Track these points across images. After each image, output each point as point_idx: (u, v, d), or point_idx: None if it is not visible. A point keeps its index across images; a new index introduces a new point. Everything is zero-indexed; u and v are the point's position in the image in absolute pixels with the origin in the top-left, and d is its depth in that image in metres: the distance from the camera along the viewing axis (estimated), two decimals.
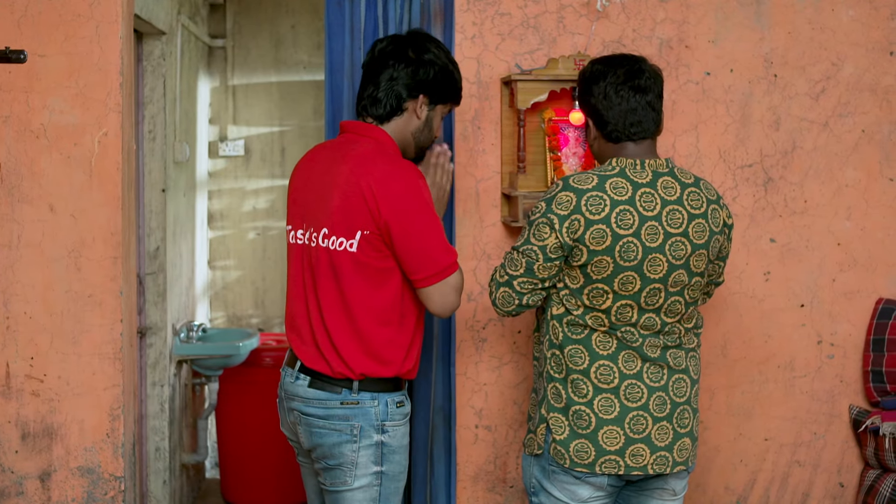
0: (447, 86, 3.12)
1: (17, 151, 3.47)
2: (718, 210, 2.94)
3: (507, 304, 2.92)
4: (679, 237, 2.83)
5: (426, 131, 3.13)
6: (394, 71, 3.06)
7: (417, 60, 3.07)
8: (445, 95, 3.13)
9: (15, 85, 3.45)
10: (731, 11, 3.83)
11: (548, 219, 2.81)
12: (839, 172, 3.91)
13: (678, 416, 2.91)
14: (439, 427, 3.76)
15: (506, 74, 3.71)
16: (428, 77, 3.07)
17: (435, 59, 3.09)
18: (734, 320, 3.91)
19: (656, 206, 2.82)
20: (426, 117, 3.10)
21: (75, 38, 3.46)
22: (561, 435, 2.88)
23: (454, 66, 3.15)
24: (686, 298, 2.91)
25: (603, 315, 2.84)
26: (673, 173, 2.89)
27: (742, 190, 3.87)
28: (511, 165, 3.72)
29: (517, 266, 2.87)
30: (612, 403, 2.86)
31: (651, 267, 2.81)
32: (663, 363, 2.89)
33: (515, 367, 3.81)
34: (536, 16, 3.74)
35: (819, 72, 3.89)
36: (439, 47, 3.13)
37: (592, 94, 2.94)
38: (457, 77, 3.15)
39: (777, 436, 3.96)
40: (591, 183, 2.81)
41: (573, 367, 2.87)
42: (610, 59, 2.99)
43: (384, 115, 3.07)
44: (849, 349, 3.97)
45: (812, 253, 3.92)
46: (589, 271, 2.80)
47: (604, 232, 2.76)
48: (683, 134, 3.82)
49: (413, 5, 3.67)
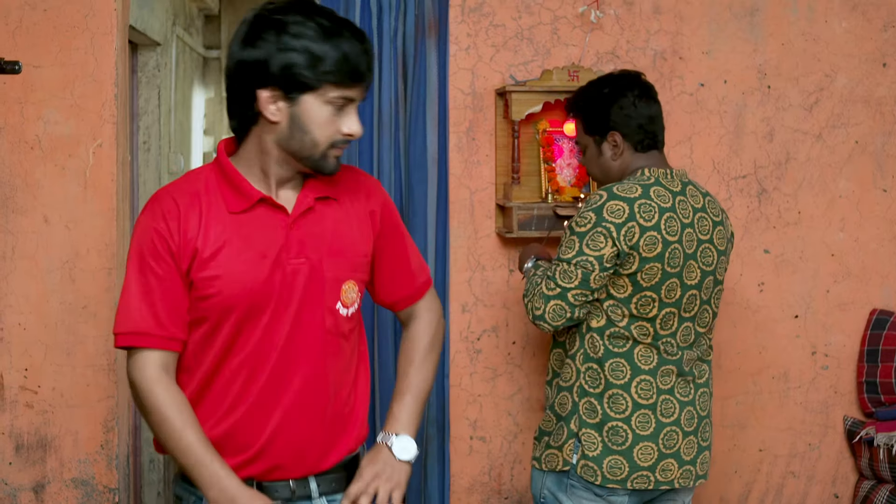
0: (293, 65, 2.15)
1: (12, 162, 3.47)
2: (727, 220, 3.02)
3: (559, 317, 2.84)
4: (707, 244, 2.89)
5: (298, 134, 2.20)
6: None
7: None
8: (301, 80, 2.16)
9: (9, 96, 3.45)
10: (724, 23, 3.84)
11: (604, 227, 2.78)
12: (833, 183, 3.92)
13: (702, 429, 2.94)
14: (433, 438, 3.76)
15: (500, 85, 3.72)
16: (253, 65, 2.19)
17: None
18: (728, 331, 3.91)
19: (690, 214, 2.87)
20: (288, 117, 2.19)
21: (70, 50, 3.46)
22: (594, 451, 2.84)
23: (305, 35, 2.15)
24: (713, 307, 2.97)
25: (648, 324, 2.84)
26: (692, 183, 2.97)
27: (736, 201, 3.88)
28: (505, 176, 3.73)
29: (572, 278, 2.80)
30: (649, 419, 2.85)
31: (688, 273, 2.85)
32: (690, 377, 2.92)
33: (510, 379, 3.81)
34: (530, 27, 3.75)
35: (812, 83, 3.90)
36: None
37: (621, 106, 2.96)
38: (313, 51, 2.14)
39: (771, 447, 3.96)
40: (637, 191, 2.82)
41: (613, 382, 2.84)
42: (616, 76, 3.05)
43: (239, 130, 2.29)
44: (843, 360, 3.97)
45: (806, 264, 3.93)
46: (639, 279, 2.80)
47: (656, 239, 2.78)
48: (677, 145, 3.83)
49: (407, 17, 3.67)
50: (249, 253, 2.20)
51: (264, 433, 2.24)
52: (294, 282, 2.23)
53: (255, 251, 2.20)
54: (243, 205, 2.22)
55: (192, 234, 2.18)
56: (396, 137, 3.70)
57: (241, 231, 2.21)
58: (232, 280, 2.18)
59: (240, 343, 2.22)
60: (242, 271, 2.19)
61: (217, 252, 2.18)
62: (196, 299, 2.20)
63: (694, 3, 3.82)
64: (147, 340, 2.19)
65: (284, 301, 2.22)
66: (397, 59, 3.69)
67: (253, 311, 2.21)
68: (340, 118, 2.20)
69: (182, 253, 2.18)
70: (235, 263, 2.19)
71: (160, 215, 2.20)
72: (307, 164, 2.23)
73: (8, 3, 3.44)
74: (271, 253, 2.21)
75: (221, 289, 2.18)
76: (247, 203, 2.22)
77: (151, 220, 2.21)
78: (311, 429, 2.29)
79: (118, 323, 2.21)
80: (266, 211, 2.24)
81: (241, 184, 2.23)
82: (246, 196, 2.22)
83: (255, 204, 2.22)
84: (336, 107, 2.19)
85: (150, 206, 2.24)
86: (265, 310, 2.21)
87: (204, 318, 2.21)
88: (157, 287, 2.18)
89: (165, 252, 2.18)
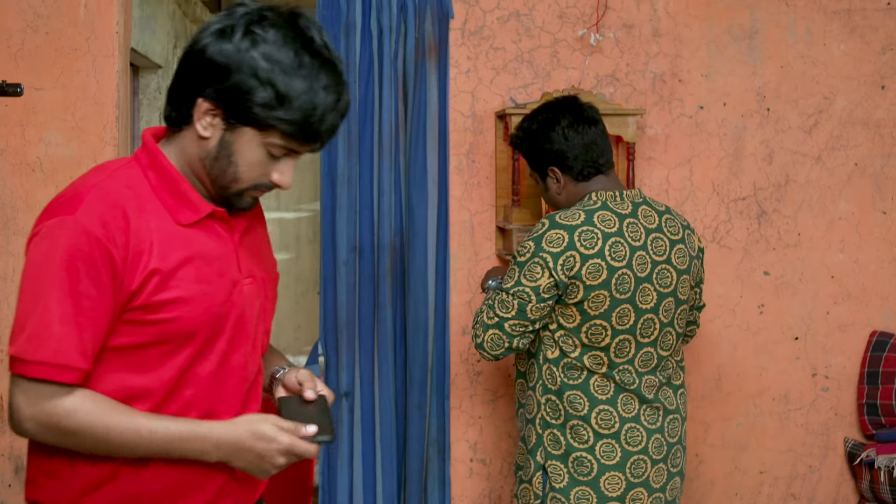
0: (240, 94, 1.83)
1: (13, 184, 3.48)
2: (692, 235, 2.96)
3: (497, 346, 2.82)
4: (664, 265, 2.83)
5: (223, 162, 1.89)
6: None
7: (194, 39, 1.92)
8: (251, 114, 1.84)
9: (11, 118, 3.46)
10: (723, 46, 3.86)
11: (540, 258, 2.75)
12: (832, 205, 3.93)
13: (672, 456, 2.89)
14: (434, 460, 3.75)
15: (500, 108, 3.73)
16: (212, 68, 1.85)
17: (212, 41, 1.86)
18: (728, 353, 3.91)
19: (641, 236, 2.80)
20: (219, 139, 1.88)
21: (72, 72, 3.48)
22: (560, 483, 2.82)
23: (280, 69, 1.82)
24: (676, 329, 2.90)
25: (602, 353, 2.79)
26: (647, 202, 2.89)
27: (736, 223, 3.88)
28: (505, 199, 3.73)
29: (508, 308, 2.78)
30: (614, 449, 2.80)
31: (642, 297, 2.79)
32: (658, 404, 2.86)
33: (510, 401, 3.81)
34: (530, 50, 3.76)
35: (811, 105, 3.91)
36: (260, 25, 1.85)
37: (552, 141, 2.90)
38: (278, 90, 1.82)
39: (772, 469, 3.95)
40: (579, 218, 2.77)
41: (573, 413, 2.81)
42: (547, 106, 2.98)
43: (169, 121, 1.96)
44: (843, 382, 3.97)
45: (806, 286, 3.93)
46: (586, 307, 2.76)
47: (599, 266, 2.73)
48: (677, 167, 3.84)
49: (408, 40, 3.69)
50: (207, 273, 1.91)
51: (224, 469, 1.97)
52: (247, 304, 1.99)
53: (212, 271, 1.92)
54: (191, 217, 1.91)
55: (143, 248, 1.83)
56: (397, 159, 3.71)
57: (195, 248, 1.90)
58: (195, 304, 1.88)
59: (194, 372, 1.93)
60: (204, 293, 1.89)
61: (176, 270, 1.86)
62: (145, 323, 1.85)
63: (693, 26, 3.83)
64: (69, 376, 1.79)
65: (240, 325, 1.98)
66: (398, 82, 3.70)
67: (211, 337, 1.92)
68: (274, 164, 1.90)
69: (129, 272, 1.81)
70: (196, 285, 1.88)
71: (100, 220, 1.80)
72: (220, 194, 1.93)
73: (10, 26, 3.45)
74: (227, 272, 1.95)
75: (182, 314, 1.86)
76: (196, 216, 1.91)
77: (88, 222, 1.79)
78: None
79: (31, 349, 1.78)
80: (214, 225, 1.95)
81: (187, 191, 1.91)
82: (193, 207, 1.92)
83: (204, 217, 1.93)
84: (274, 154, 1.89)
85: (84, 205, 1.81)
86: (221, 336, 1.94)
87: (153, 344, 1.88)
88: (88, 310, 1.79)
89: (105, 266, 1.79)
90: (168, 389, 1.90)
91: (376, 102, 3.69)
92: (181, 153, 1.93)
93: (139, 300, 1.83)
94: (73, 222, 1.78)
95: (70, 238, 1.78)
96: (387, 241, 3.70)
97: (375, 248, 3.71)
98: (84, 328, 1.79)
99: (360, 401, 3.73)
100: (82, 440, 1.83)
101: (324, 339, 3.73)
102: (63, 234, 1.79)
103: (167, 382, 1.89)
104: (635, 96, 3.81)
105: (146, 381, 1.88)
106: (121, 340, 1.86)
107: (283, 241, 6.90)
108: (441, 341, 3.74)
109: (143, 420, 1.84)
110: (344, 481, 3.75)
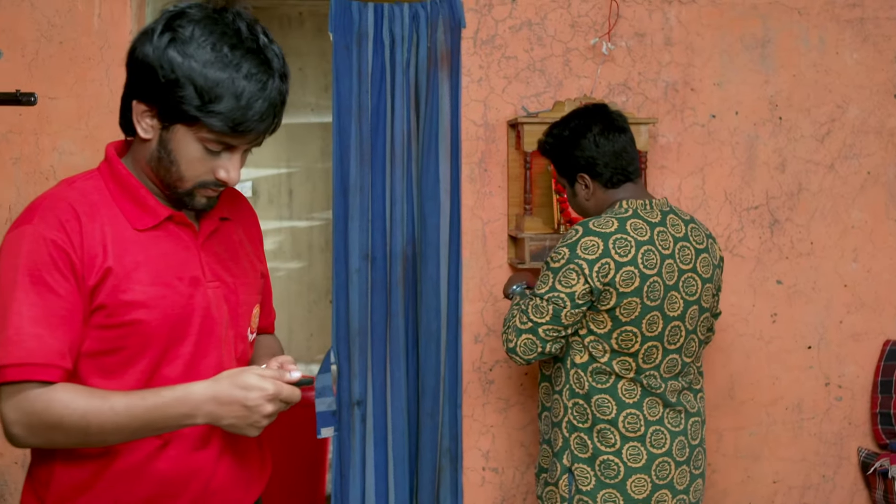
0: (166, 93, 1.85)
1: (27, 193, 3.49)
2: (714, 244, 2.99)
3: (530, 351, 2.84)
4: (690, 273, 2.86)
5: (165, 161, 1.91)
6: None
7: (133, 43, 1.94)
8: (179, 109, 1.85)
9: (25, 127, 3.48)
10: (736, 55, 3.85)
11: (576, 265, 2.77)
12: (845, 214, 3.92)
13: (694, 458, 2.93)
14: (446, 468, 3.75)
15: (512, 117, 3.73)
16: (140, 69, 1.89)
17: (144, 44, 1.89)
18: (741, 362, 3.90)
19: (670, 244, 2.84)
20: (158, 139, 1.90)
21: (85, 81, 3.49)
22: (587, 486, 2.85)
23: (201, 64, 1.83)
24: (699, 336, 2.94)
25: (630, 359, 2.82)
26: (674, 210, 2.93)
27: (748, 232, 3.87)
28: (517, 207, 3.73)
29: (543, 313, 2.81)
30: (640, 451, 2.84)
31: (670, 305, 2.82)
32: (681, 407, 2.90)
33: (522, 409, 3.80)
34: (542, 59, 3.77)
35: (824, 114, 3.90)
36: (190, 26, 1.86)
37: (582, 148, 2.93)
38: (199, 84, 1.83)
39: (786, 478, 3.94)
40: (613, 226, 2.80)
41: (600, 417, 2.84)
42: (577, 114, 3.01)
43: (123, 129, 2.00)
44: (857, 391, 3.96)
45: (819, 294, 3.92)
46: (617, 314, 2.79)
47: (633, 273, 2.76)
48: (689, 176, 3.83)
49: (420, 49, 3.70)
50: (165, 276, 1.92)
51: (200, 475, 1.99)
52: (213, 307, 1.99)
53: (170, 273, 1.93)
54: (149, 221, 1.94)
55: (97, 251, 1.87)
56: (409, 168, 3.72)
57: (152, 251, 1.92)
58: (151, 306, 1.89)
59: (161, 377, 1.93)
60: (161, 296, 1.91)
61: (130, 274, 1.89)
62: (104, 327, 1.88)
63: (705, 35, 3.83)
64: (47, 373, 1.81)
65: (206, 329, 1.98)
66: (410, 91, 3.71)
67: (173, 341, 1.93)
68: (215, 160, 1.91)
69: (87, 271, 1.85)
70: (153, 287, 1.90)
71: (56, 224, 1.85)
72: (172, 195, 1.95)
73: (24, 36, 3.47)
74: (186, 275, 1.96)
75: (140, 317, 1.88)
76: (153, 220, 1.94)
77: (45, 229, 1.84)
78: (242, 467, 2.10)
79: (6, 353, 1.80)
80: (174, 229, 1.97)
81: (145, 197, 1.94)
82: (152, 212, 1.95)
83: (162, 221, 1.95)
84: (211, 149, 1.89)
85: (39, 213, 1.87)
86: (185, 340, 1.95)
87: (114, 350, 1.90)
88: (56, 308, 1.83)
89: (66, 267, 1.84)
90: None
91: (388, 111, 3.70)
92: (135, 160, 1.96)
93: (98, 299, 1.86)
94: (32, 230, 1.84)
95: (29, 245, 1.83)
96: (399, 249, 3.71)
97: (388, 257, 3.71)
98: (55, 327, 1.82)
99: (372, 409, 3.73)
100: (67, 433, 1.83)
101: (336, 348, 3.73)
102: (23, 242, 1.84)
103: (134, 388, 1.89)
104: (647, 105, 3.81)
105: (115, 386, 1.89)
106: (88, 346, 1.88)
107: (296, 249, 6.91)
108: (453, 350, 3.74)
109: (119, 398, 1.83)
110: (356, 490, 3.75)
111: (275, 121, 1.91)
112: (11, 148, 3.48)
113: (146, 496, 1.95)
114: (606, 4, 3.78)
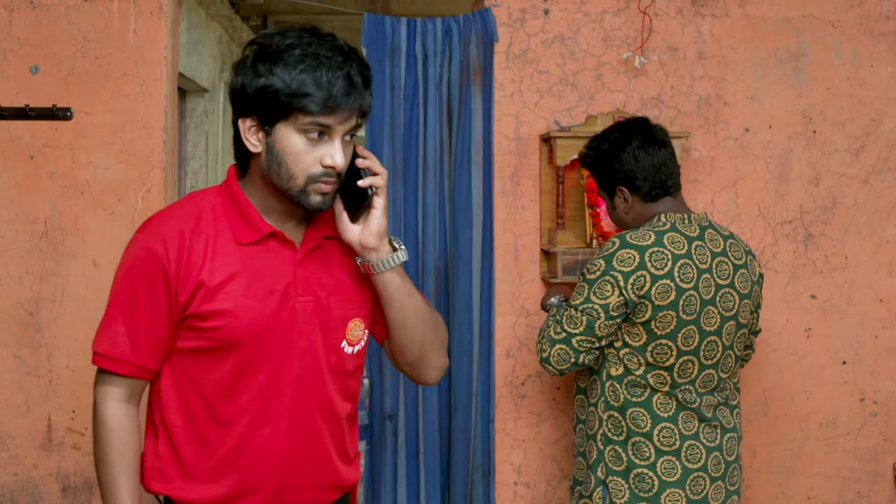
0: (261, 95, 2.06)
1: (62, 207, 3.52)
2: (753, 260, 2.99)
3: (563, 362, 2.85)
4: (727, 288, 2.86)
5: (275, 165, 2.08)
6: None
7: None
8: (273, 107, 2.05)
9: (61, 142, 3.51)
10: (769, 68, 3.84)
11: (611, 276, 2.79)
12: (880, 228, 3.89)
13: (729, 474, 2.92)
14: (478, 483, 3.74)
15: (544, 131, 3.73)
16: (236, 92, 2.12)
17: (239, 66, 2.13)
18: (775, 377, 3.88)
19: (708, 259, 2.84)
20: (265, 148, 2.09)
21: (120, 96, 3.52)
22: (621, 499, 2.85)
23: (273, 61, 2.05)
24: (735, 352, 2.94)
25: (665, 373, 2.83)
26: (713, 226, 2.94)
27: (782, 246, 3.85)
28: (550, 221, 3.73)
29: (577, 324, 2.82)
30: (675, 466, 2.83)
31: (706, 319, 2.82)
32: (717, 423, 2.89)
33: (554, 424, 3.79)
34: (575, 73, 3.77)
35: (858, 128, 3.88)
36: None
37: (622, 161, 2.95)
38: (278, 82, 2.03)
39: (819, 494, 3.91)
40: (650, 239, 2.81)
41: (635, 430, 2.84)
42: (618, 127, 3.03)
43: (241, 162, 2.21)
44: (892, 407, 3.92)
45: (853, 309, 3.89)
46: (653, 327, 2.79)
47: (668, 287, 2.76)
48: (722, 190, 3.82)
49: (452, 63, 3.70)
50: (256, 287, 2.10)
51: (274, 473, 2.15)
52: (300, 319, 2.14)
53: (262, 286, 2.10)
54: (252, 237, 2.13)
55: (195, 263, 2.08)
56: (441, 183, 3.72)
57: (249, 264, 2.11)
58: (238, 315, 2.08)
59: (245, 381, 2.12)
60: (249, 306, 2.09)
61: (223, 284, 2.08)
62: (197, 330, 2.09)
63: (738, 48, 3.82)
64: (121, 367, 2.11)
65: (290, 339, 2.13)
66: (442, 105, 3.72)
67: (258, 348, 2.11)
68: (318, 149, 2.06)
69: (181, 283, 2.07)
70: (242, 298, 2.09)
71: (160, 239, 2.08)
72: (290, 199, 2.09)
73: (60, 52, 3.50)
74: (278, 288, 2.12)
75: (226, 323, 2.08)
76: (256, 235, 2.13)
77: (150, 241, 2.09)
78: (315, 468, 2.21)
79: (97, 341, 2.13)
80: (275, 245, 2.14)
81: (252, 215, 2.13)
82: (256, 228, 2.13)
83: (264, 237, 2.13)
84: (311, 136, 2.04)
85: (150, 227, 2.13)
86: (270, 347, 2.12)
87: (207, 349, 2.11)
88: (140, 315, 2.08)
89: (159, 279, 2.07)
90: (224, 390, 2.12)
91: (421, 126, 3.70)
92: (253, 182, 2.15)
93: (190, 309, 2.09)
94: (141, 240, 2.11)
95: (136, 253, 2.10)
96: (431, 264, 3.71)
97: (420, 271, 3.71)
98: (137, 328, 2.09)
99: (404, 423, 3.73)
100: (95, 439, 2.15)
101: (368, 361, 3.74)
102: (133, 248, 2.12)
103: (221, 383, 2.12)
104: (680, 119, 3.80)
105: (205, 379, 2.12)
106: (183, 344, 2.12)
107: None
108: (486, 364, 3.74)
109: (123, 482, 2.11)
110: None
111: (361, 98, 2.06)
112: (48, 162, 3.51)
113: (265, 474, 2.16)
114: (639, 18, 3.78)
